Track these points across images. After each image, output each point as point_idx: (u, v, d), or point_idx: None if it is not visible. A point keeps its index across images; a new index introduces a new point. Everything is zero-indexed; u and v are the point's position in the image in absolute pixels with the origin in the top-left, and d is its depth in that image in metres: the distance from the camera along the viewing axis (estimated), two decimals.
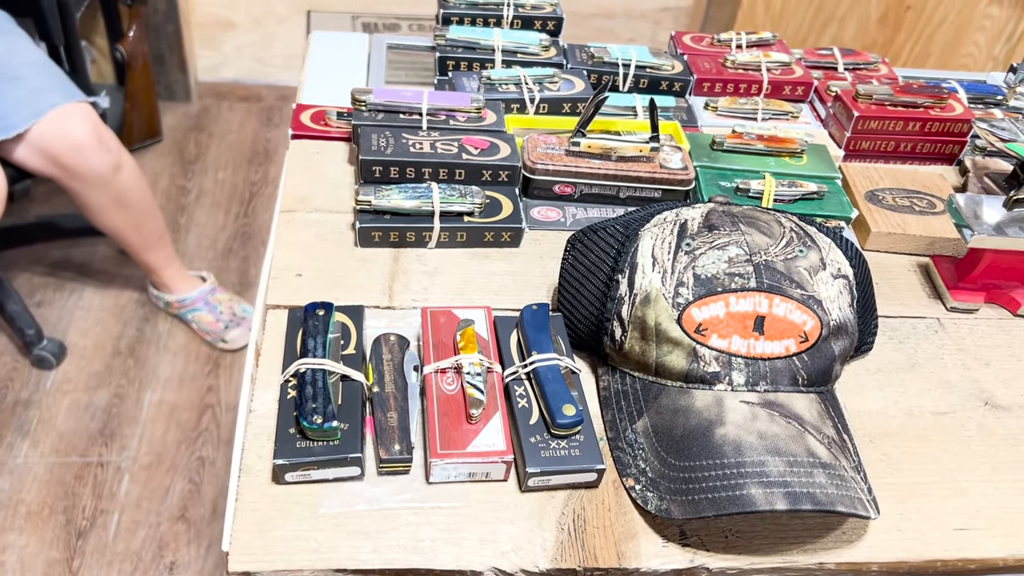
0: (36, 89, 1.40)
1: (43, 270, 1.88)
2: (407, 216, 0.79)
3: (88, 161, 1.45)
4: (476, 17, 1.05)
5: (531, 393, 0.66)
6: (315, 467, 0.60)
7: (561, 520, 0.61)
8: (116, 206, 1.54)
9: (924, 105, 0.98)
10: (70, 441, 1.57)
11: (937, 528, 0.64)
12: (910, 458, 0.69)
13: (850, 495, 0.58)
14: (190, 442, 1.60)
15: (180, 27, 2.28)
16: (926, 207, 0.89)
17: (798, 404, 0.63)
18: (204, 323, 1.76)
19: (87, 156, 1.44)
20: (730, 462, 0.59)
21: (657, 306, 0.65)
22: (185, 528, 1.47)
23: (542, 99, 0.94)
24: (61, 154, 1.42)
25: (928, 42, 2.38)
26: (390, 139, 0.83)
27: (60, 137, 1.41)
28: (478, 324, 0.70)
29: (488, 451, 0.61)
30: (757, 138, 0.91)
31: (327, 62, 1.08)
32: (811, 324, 0.64)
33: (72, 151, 1.42)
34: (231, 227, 2.07)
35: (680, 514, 0.59)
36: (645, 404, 0.66)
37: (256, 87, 2.51)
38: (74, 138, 1.42)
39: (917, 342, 0.79)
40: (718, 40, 1.10)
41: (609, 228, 0.71)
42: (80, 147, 1.43)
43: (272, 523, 0.59)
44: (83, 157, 1.44)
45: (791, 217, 0.70)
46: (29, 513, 1.45)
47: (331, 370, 0.64)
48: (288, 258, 0.78)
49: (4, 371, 1.67)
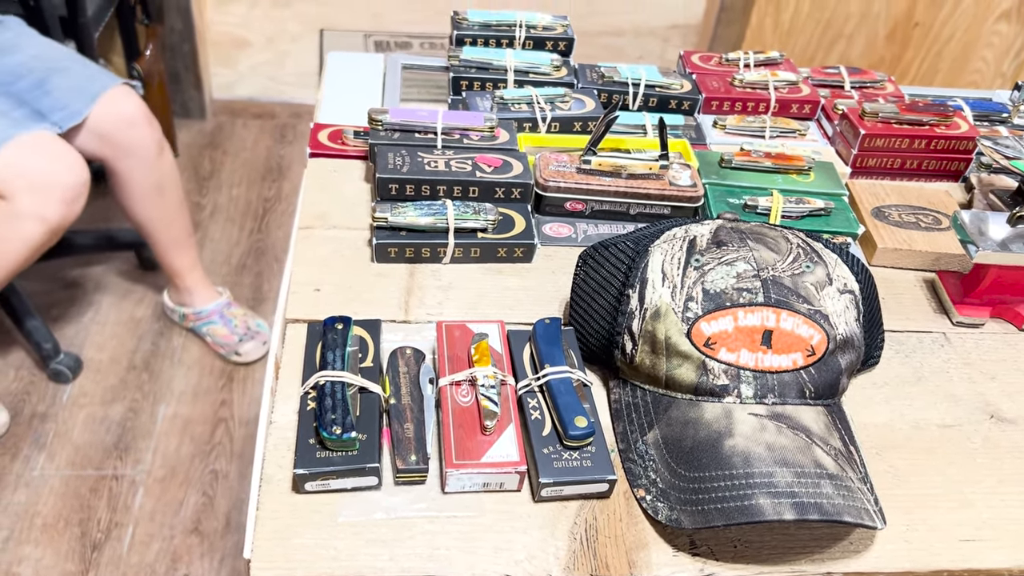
0: (86, 77, 1.49)
1: (60, 285, 1.91)
2: (422, 232, 0.81)
3: (138, 136, 1.53)
4: (489, 38, 1.07)
5: (544, 405, 0.67)
6: (334, 476, 0.62)
7: (573, 530, 0.63)
8: (155, 192, 1.61)
9: (930, 123, 0.99)
10: (86, 454, 1.59)
11: (943, 539, 0.65)
12: (916, 470, 0.70)
13: (857, 505, 0.59)
14: (204, 455, 1.62)
15: (195, 46, 2.32)
16: (932, 223, 0.91)
17: (806, 416, 0.64)
18: (218, 336, 1.78)
19: (139, 130, 1.53)
20: (739, 473, 0.61)
21: (667, 320, 0.66)
22: (198, 541, 1.49)
23: (554, 118, 0.96)
24: (115, 132, 1.50)
25: (936, 59, 2.40)
26: (406, 158, 0.85)
27: (115, 115, 1.49)
28: (492, 338, 0.72)
29: (502, 462, 0.63)
30: (765, 156, 0.92)
31: (343, 82, 1.10)
32: (818, 338, 0.66)
33: (127, 126, 1.51)
34: (245, 243, 2.10)
35: (690, 524, 0.60)
36: (656, 416, 0.67)
37: (270, 104, 2.54)
38: (127, 114, 1.51)
39: (923, 356, 0.81)
40: (726, 59, 1.12)
41: (620, 244, 0.72)
42: (132, 122, 1.51)
43: (293, 531, 0.60)
44: (134, 132, 1.52)
45: (798, 233, 0.72)
46: (45, 525, 1.47)
47: (349, 382, 0.65)
48: (306, 273, 0.80)
49: (22, 385, 1.69)
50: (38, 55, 1.47)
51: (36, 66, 1.45)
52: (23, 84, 1.43)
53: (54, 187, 1.35)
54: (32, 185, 1.33)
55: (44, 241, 1.40)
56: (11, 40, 1.48)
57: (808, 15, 2.30)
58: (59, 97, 1.44)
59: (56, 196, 1.35)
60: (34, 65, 1.45)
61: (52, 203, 1.35)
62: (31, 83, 1.43)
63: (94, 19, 1.79)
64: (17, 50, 1.47)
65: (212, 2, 2.35)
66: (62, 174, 1.36)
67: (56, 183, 1.35)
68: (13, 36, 1.49)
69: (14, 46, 1.47)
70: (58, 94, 1.44)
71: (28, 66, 1.45)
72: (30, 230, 1.36)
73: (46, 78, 1.44)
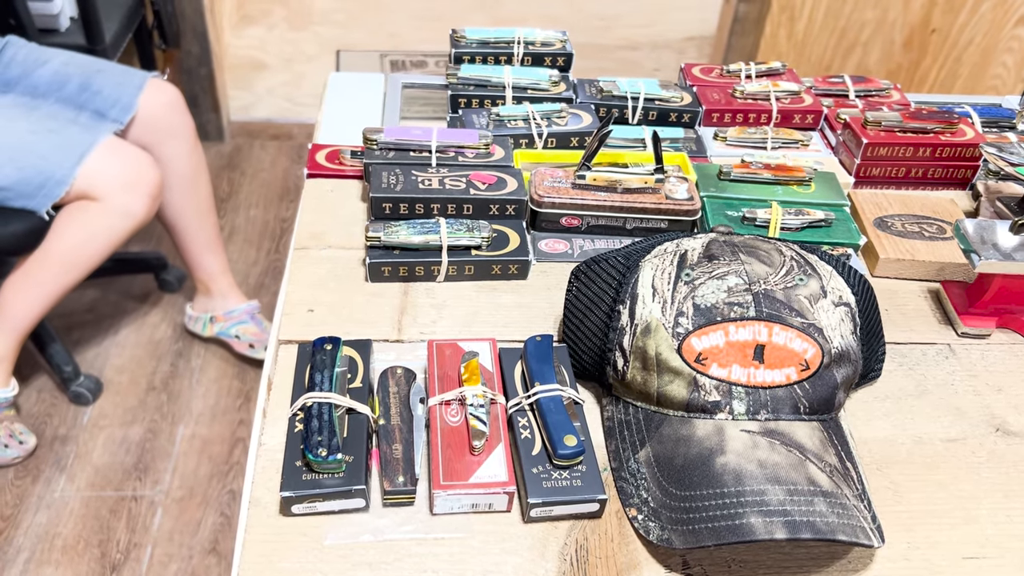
0: (121, 72, 1.56)
1: (80, 308, 1.94)
2: (416, 251, 0.81)
3: (180, 119, 1.61)
4: (487, 55, 1.07)
5: (534, 424, 0.67)
6: (321, 499, 0.61)
7: (564, 550, 0.62)
8: (191, 183, 1.67)
9: (934, 131, 0.98)
10: (105, 476, 1.60)
11: (946, 556, 0.64)
12: (919, 486, 0.68)
13: (852, 523, 0.58)
14: (221, 475, 1.63)
15: (213, 69, 2.35)
16: (936, 232, 0.89)
17: (799, 432, 0.63)
18: (249, 334, 1.79)
19: (180, 114, 1.61)
20: (730, 491, 0.59)
21: (657, 336, 0.66)
22: (216, 561, 1.49)
23: (550, 134, 0.96)
24: (160, 117, 1.58)
25: (955, 65, 2.37)
26: (400, 176, 0.85)
27: (157, 102, 1.57)
28: (483, 356, 0.71)
29: (490, 482, 0.62)
30: (764, 167, 0.91)
31: (344, 102, 1.11)
32: (812, 352, 0.64)
33: (168, 111, 1.59)
34: (263, 263, 2.11)
35: (681, 544, 0.59)
36: (647, 434, 0.66)
37: (287, 125, 2.57)
38: (168, 99, 1.59)
39: (927, 368, 0.79)
40: (727, 71, 1.11)
41: (611, 259, 0.72)
42: (173, 106, 1.60)
43: (280, 554, 0.60)
44: (176, 116, 1.60)
45: (792, 246, 0.71)
46: (65, 547, 1.48)
47: (337, 403, 0.65)
48: (301, 294, 0.80)
49: (43, 407, 1.71)
50: (67, 62, 1.53)
51: (72, 72, 1.51)
52: (71, 88, 1.50)
53: (140, 183, 1.45)
54: (122, 184, 1.43)
55: (128, 235, 1.50)
56: (29, 55, 1.52)
57: (822, 24, 2.29)
58: (109, 94, 1.51)
59: (143, 191, 1.45)
60: (70, 71, 1.51)
61: (140, 199, 1.45)
62: (78, 86, 1.50)
63: (112, 45, 1.82)
64: (45, 61, 1.52)
65: (229, 25, 2.39)
66: (145, 171, 1.46)
67: (142, 180, 1.45)
68: (28, 51, 1.53)
69: (36, 59, 1.52)
70: (107, 92, 1.51)
71: (64, 72, 1.51)
72: (120, 225, 1.46)
73: (89, 80, 1.51)
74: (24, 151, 1.38)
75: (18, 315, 1.51)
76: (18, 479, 1.57)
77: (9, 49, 1.52)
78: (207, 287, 1.79)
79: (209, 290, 1.79)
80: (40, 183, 1.39)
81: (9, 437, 1.58)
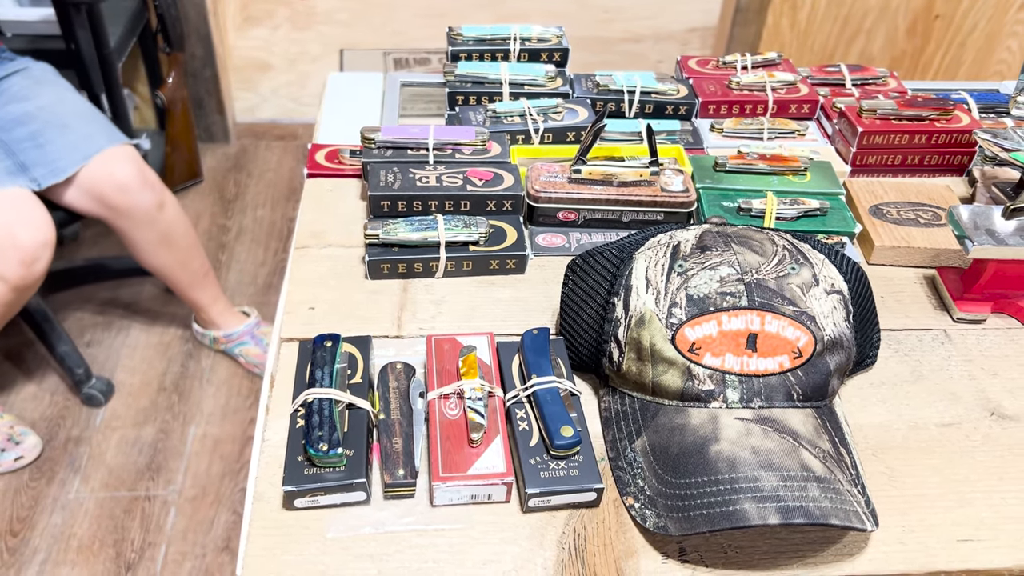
0: (83, 135, 1.48)
1: (92, 310, 1.96)
2: (414, 248, 0.82)
3: (133, 200, 1.52)
4: (484, 52, 1.08)
5: (531, 416, 0.68)
6: (322, 493, 0.63)
7: (562, 539, 0.63)
8: (162, 244, 1.61)
9: (930, 118, 0.98)
10: (119, 476, 1.62)
11: (940, 539, 0.64)
12: (913, 470, 0.69)
13: (845, 508, 0.59)
14: (233, 474, 1.64)
15: (217, 71, 2.36)
16: (931, 219, 0.90)
17: (793, 419, 0.64)
18: (251, 356, 1.81)
19: (132, 195, 1.51)
20: (724, 478, 0.60)
21: (651, 327, 0.66)
22: (229, 559, 1.51)
23: (546, 129, 0.97)
24: (108, 195, 1.49)
25: (960, 50, 2.36)
26: (397, 174, 0.86)
27: (106, 178, 1.48)
28: (481, 350, 0.72)
29: (489, 473, 0.63)
30: (759, 158, 0.92)
31: (344, 102, 1.12)
32: (804, 340, 0.65)
33: (118, 191, 1.49)
34: (270, 263, 2.13)
35: (677, 531, 0.60)
36: (643, 423, 0.67)
37: (292, 126, 2.58)
38: (119, 179, 1.49)
39: (923, 354, 0.79)
40: (723, 62, 1.11)
41: (605, 252, 0.73)
42: (125, 187, 1.50)
43: (283, 548, 0.61)
44: (129, 196, 1.51)
45: (784, 235, 0.71)
46: (80, 547, 1.50)
47: (337, 399, 0.66)
48: (302, 292, 0.82)
49: (56, 410, 1.74)
50: (45, 107, 1.47)
51: (39, 116, 1.45)
52: (18, 133, 1.43)
53: (11, 249, 1.35)
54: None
55: (8, 300, 1.40)
56: (26, 88, 1.49)
57: (825, 12, 2.28)
58: (49, 152, 1.43)
59: (14, 257, 1.35)
60: (37, 115, 1.45)
61: (10, 264, 1.35)
62: (26, 134, 1.43)
63: (117, 50, 1.83)
64: (27, 99, 1.47)
65: (233, 27, 2.40)
66: (21, 235, 1.36)
67: (13, 244, 1.35)
68: (31, 84, 1.50)
69: (26, 96, 1.48)
70: (49, 148, 1.43)
71: (31, 115, 1.45)
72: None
73: (42, 131, 1.44)
74: None
75: None
76: (33, 481, 1.60)
77: (18, 76, 1.50)
78: (200, 316, 1.81)
79: (202, 319, 1.81)
80: None
81: (7, 441, 1.60)
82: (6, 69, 1.50)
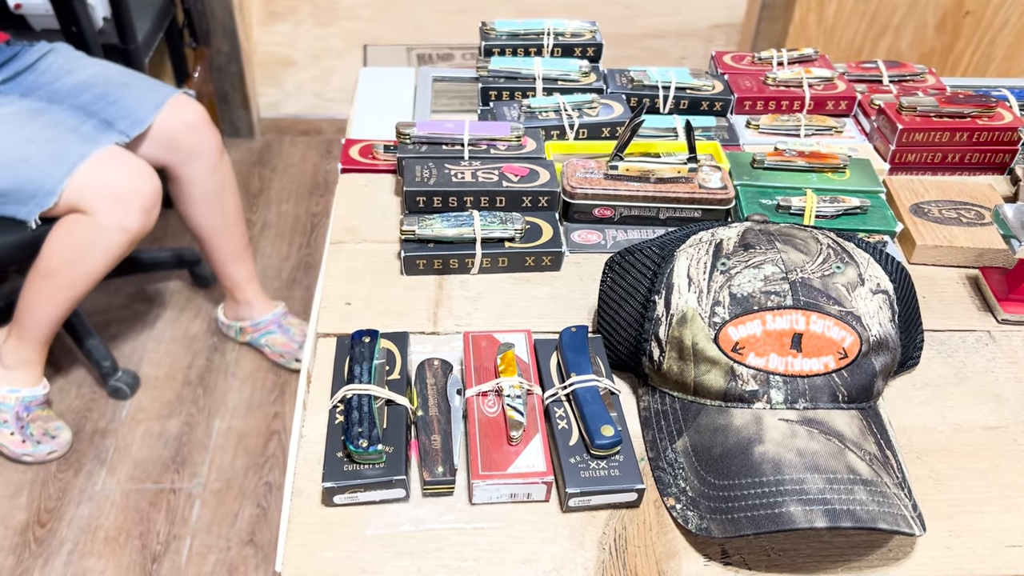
0: (146, 88, 1.56)
1: (118, 304, 1.97)
2: (450, 244, 0.82)
3: (201, 139, 1.60)
4: (517, 47, 1.08)
5: (571, 414, 0.67)
6: (362, 489, 0.62)
7: (602, 540, 0.62)
8: (216, 198, 1.67)
9: (971, 115, 0.96)
10: (144, 469, 1.63)
11: (988, 545, 0.63)
12: (960, 474, 0.68)
13: (892, 512, 0.58)
14: (257, 467, 1.65)
15: (242, 67, 2.37)
16: (974, 218, 0.88)
17: (838, 421, 0.63)
18: (278, 345, 1.81)
19: (200, 135, 1.59)
20: (769, 480, 0.59)
21: (694, 326, 0.66)
22: (254, 552, 1.51)
23: (581, 124, 0.96)
24: (180, 137, 1.57)
25: (990, 47, 2.33)
26: (433, 170, 0.86)
27: (178, 122, 1.56)
28: (518, 347, 0.72)
29: (528, 472, 0.63)
30: (798, 155, 0.91)
31: (376, 97, 1.11)
32: (850, 340, 0.64)
33: (189, 131, 1.58)
34: (295, 257, 2.13)
35: (720, 533, 0.59)
36: (684, 423, 0.66)
37: (316, 121, 2.58)
38: (190, 119, 1.57)
39: (966, 355, 0.78)
40: (759, 58, 1.10)
41: (645, 250, 0.72)
42: (195, 126, 1.58)
43: (323, 544, 0.61)
44: (198, 136, 1.59)
45: (828, 234, 0.70)
46: (107, 538, 1.51)
47: (376, 395, 0.66)
48: (337, 288, 0.81)
49: (83, 402, 1.75)
50: (97, 73, 1.54)
51: (98, 82, 1.53)
52: (88, 96, 1.50)
53: (133, 196, 1.42)
54: (113, 197, 1.40)
55: (125, 250, 1.48)
56: (67, 64, 1.54)
57: (853, 8, 2.26)
58: (124, 106, 1.51)
59: (136, 205, 1.42)
60: (96, 81, 1.53)
61: (132, 212, 1.42)
62: (95, 95, 1.50)
63: (144, 45, 1.84)
64: (75, 71, 1.53)
65: (258, 23, 2.41)
66: (138, 184, 1.43)
67: (134, 192, 1.42)
68: (69, 60, 1.55)
69: (71, 69, 1.54)
70: (124, 103, 1.51)
71: (90, 83, 1.52)
72: (114, 240, 1.44)
73: (109, 91, 1.51)
74: (18, 159, 1.37)
75: (34, 325, 1.53)
76: (60, 472, 1.61)
77: (50, 56, 1.55)
78: (233, 295, 1.81)
79: (235, 298, 1.82)
80: (31, 192, 1.37)
81: (43, 434, 1.61)
82: (34, 53, 1.54)
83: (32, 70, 1.52)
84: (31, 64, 1.52)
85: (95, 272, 1.48)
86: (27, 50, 1.54)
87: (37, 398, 1.61)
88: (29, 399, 1.60)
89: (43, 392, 1.62)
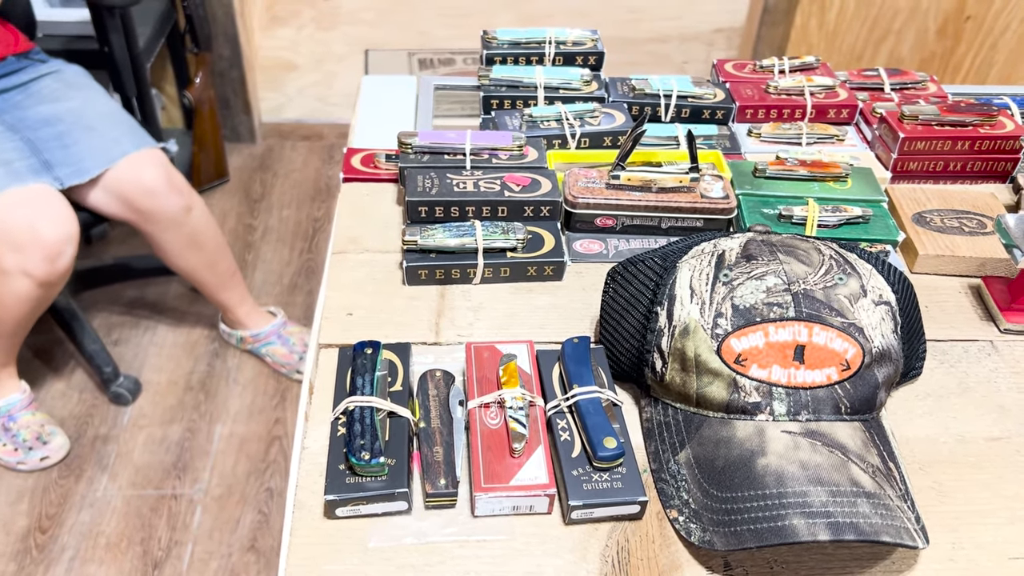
0: (110, 138, 1.48)
1: (119, 309, 1.97)
2: (452, 254, 0.82)
3: (160, 204, 1.52)
4: (519, 56, 1.08)
5: (573, 426, 0.67)
6: (364, 502, 0.62)
7: (605, 552, 0.62)
8: (189, 247, 1.62)
9: (973, 123, 0.96)
10: (146, 475, 1.63)
11: (992, 557, 0.63)
12: (962, 485, 0.68)
13: (896, 524, 0.57)
14: (259, 473, 1.65)
15: (244, 72, 2.37)
16: (976, 227, 0.88)
17: (841, 433, 0.63)
18: (278, 356, 1.82)
19: (159, 200, 1.52)
20: (772, 493, 0.59)
21: (696, 337, 0.65)
22: (255, 558, 1.51)
23: (583, 134, 0.96)
24: (135, 198, 1.50)
25: (991, 52, 2.33)
26: (435, 180, 0.86)
27: (133, 182, 1.48)
28: (520, 358, 0.72)
29: (531, 484, 0.63)
30: (800, 164, 0.91)
31: (378, 105, 1.11)
32: (853, 352, 0.64)
33: (145, 195, 1.50)
34: (296, 262, 2.13)
35: (723, 545, 0.59)
36: (687, 435, 0.66)
37: (318, 126, 2.58)
38: (146, 183, 1.49)
39: (969, 365, 0.78)
40: (760, 66, 1.10)
41: (647, 260, 0.72)
42: (152, 191, 1.50)
43: (325, 557, 0.61)
44: (155, 201, 1.51)
45: (831, 244, 0.70)
46: (108, 544, 1.51)
47: (378, 407, 0.66)
48: (339, 298, 0.81)
49: (84, 408, 1.75)
50: (73, 109, 1.48)
51: (66, 118, 1.46)
52: (47, 132, 1.44)
53: (34, 244, 1.35)
54: (13, 242, 1.34)
55: (36, 295, 1.40)
56: (57, 91, 1.50)
57: (854, 13, 2.26)
58: (73, 153, 1.44)
59: (37, 253, 1.36)
60: (65, 117, 1.46)
61: (34, 260, 1.36)
62: (55, 133, 1.44)
63: (146, 51, 1.84)
64: (57, 101, 1.48)
65: (259, 27, 2.41)
66: (44, 230, 1.35)
67: (36, 240, 1.35)
68: (62, 87, 1.51)
69: (56, 98, 1.49)
70: (74, 149, 1.44)
71: (59, 117, 1.46)
72: (19, 286, 1.38)
73: (68, 132, 1.45)
74: None
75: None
76: (62, 479, 1.61)
77: (48, 79, 1.51)
78: (227, 316, 1.82)
79: (229, 319, 1.82)
80: None
81: (35, 439, 1.60)
82: (38, 71, 1.51)
83: (22, 89, 1.49)
84: (24, 83, 1.49)
85: (10, 319, 1.41)
86: (33, 67, 1.52)
87: (15, 405, 1.60)
88: (6, 409, 1.59)
89: (21, 397, 1.60)
